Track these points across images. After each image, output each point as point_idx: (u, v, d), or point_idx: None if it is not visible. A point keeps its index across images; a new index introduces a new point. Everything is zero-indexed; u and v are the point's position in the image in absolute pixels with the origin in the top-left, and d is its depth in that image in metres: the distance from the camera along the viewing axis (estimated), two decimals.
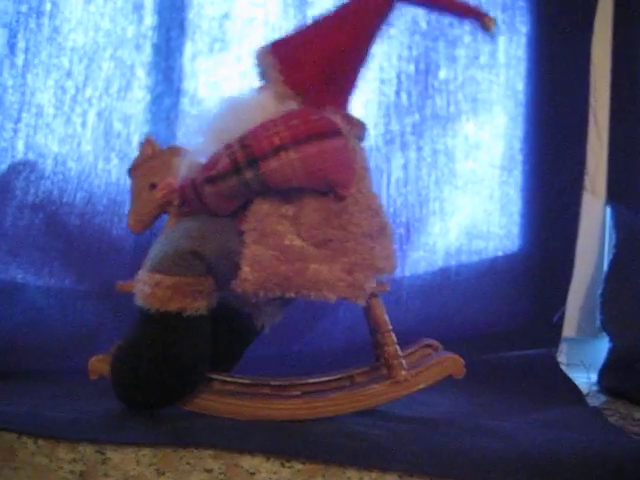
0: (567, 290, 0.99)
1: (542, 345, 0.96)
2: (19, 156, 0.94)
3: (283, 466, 0.62)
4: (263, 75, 0.71)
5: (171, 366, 0.65)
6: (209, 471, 0.62)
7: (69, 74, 0.95)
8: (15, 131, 0.94)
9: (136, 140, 0.95)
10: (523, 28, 1.03)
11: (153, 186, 0.73)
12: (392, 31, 0.98)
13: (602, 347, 0.99)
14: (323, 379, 0.74)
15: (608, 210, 1.03)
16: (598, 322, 1.00)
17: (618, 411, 0.83)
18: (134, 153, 0.92)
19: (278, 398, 0.70)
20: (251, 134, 0.64)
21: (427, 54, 0.99)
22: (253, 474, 0.62)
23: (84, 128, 0.94)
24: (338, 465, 0.61)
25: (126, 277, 0.89)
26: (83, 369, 0.82)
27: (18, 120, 0.94)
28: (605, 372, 0.95)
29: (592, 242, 1.04)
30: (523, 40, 1.03)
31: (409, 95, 0.99)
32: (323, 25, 0.70)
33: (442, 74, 1.00)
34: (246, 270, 0.64)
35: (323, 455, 0.61)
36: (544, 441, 0.65)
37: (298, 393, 0.71)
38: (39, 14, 0.95)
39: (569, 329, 1.02)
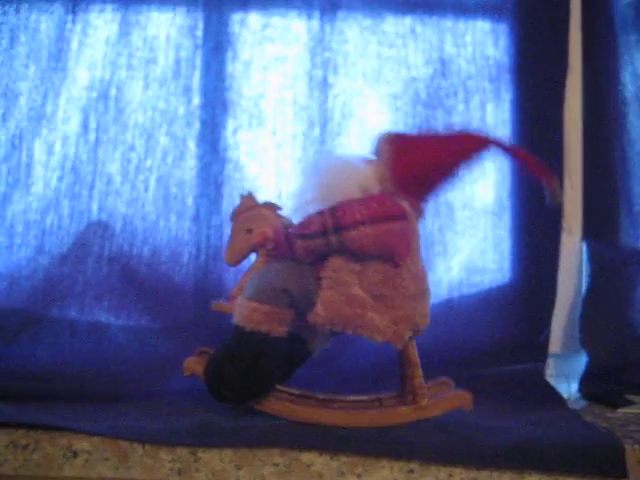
0: (551, 314, 1.10)
1: (531, 361, 1.07)
2: (94, 217, 1.07)
3: (332, 459, 0.77)
4: (376, 153, 0.86)
5: (256, 373, 0.81)
6: (276, 465, 0.77)
7: (132, 148, 1.09)
8: (90, 197, 1.08)
9: (190, 201, 1.09)
10: (507, 96, 1.15)
11: (249, 231, 0.88)
12: (398, 103, 1.13)
13: (582, 361, 1.11)
14: (358, 398, 0.88)
15: (583, 246, 1.16)
16: (578, 340, 1.12)
17: (593, 412, 0.97)
18: (189, 212, 1.09)
19: (324, 408, 0.84)
20: (341, 207, 0.80)
21: (428, 121, 1.12)
22: (310, 466, 0.77)
23: (146, 192, 1.08)
24: (374, 457, 0.77)
25: (189, 316, 1.06)
26: (159, 393, 0.96)
27: (92, 187, 1.08)
28: (584, 382, 1.08)
29: (571, 273, 1.16)
30: (507, 106, 1.15)
31: None
32: (435, 141, 0.87)
33: None
34: (320, 308, 0.80)
35: (362, 450, 0.77)
36: (529, 435, 0.80)
37: (339, 406, 0.86)
38: (106, 98, 1.09)
39: (554, 346, 1.13)
